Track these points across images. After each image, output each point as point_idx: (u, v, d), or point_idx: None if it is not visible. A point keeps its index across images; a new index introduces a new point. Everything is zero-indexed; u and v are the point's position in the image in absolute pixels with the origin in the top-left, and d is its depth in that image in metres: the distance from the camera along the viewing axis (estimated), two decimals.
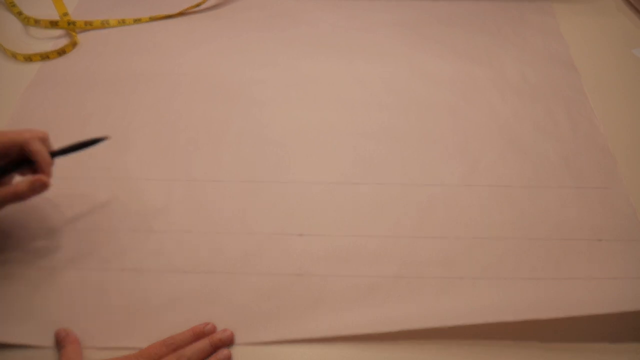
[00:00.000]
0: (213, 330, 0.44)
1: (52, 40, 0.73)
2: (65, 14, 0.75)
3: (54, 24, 0.73)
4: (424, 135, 0.60)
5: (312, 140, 0.59)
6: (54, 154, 0.48)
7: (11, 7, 0.76)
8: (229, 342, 0.43)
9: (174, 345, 0.42)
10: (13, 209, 0.52)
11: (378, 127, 0.60)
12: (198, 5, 0.77)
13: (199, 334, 0.43)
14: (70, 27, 0.73)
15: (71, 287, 0.47)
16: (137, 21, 0.75)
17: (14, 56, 0.69)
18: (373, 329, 0.43)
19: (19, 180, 0.46)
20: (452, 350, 0.43)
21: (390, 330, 0.43)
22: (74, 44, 0.71)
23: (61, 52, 0.70)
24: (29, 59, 0.69)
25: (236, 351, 0.43)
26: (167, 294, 0.46)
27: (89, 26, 0.74)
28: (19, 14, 0.75)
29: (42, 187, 0.45)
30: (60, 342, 0.43)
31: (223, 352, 0.43)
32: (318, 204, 0.53)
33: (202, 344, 0.42)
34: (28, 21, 0.74)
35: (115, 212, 0.52)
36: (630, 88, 0.65)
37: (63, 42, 0.72)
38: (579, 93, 0.64)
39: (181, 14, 0.77)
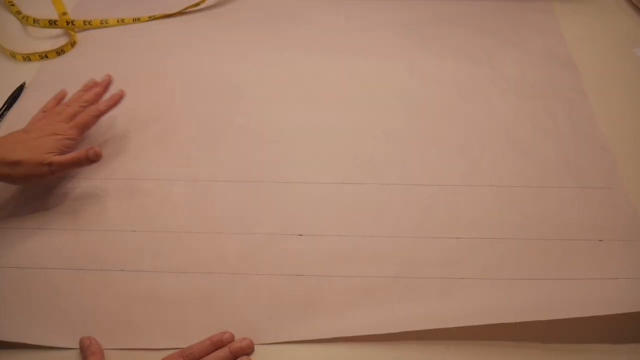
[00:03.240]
0: (231, 339, 0.43)
1: (51, 39, 0.73)
2: (64, 13, 0.74)
3: (52, 23, 0.73)
4: (424, 135, 0.59)
5: (312, 140, 0.59)
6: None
7: (10, 6, 0.76)
8: (248, 350, 0.43)
9: (192, 356, 0.42)
10: (15, 209, 0.52)
11: (378, 127, 0.60)
12: (197, 4, 0.77)
13: (216, 344, 0.43)
14: (69, 26, 0.73)
15: (70, 287, 0.47)
16: (136, 20, 0.75)
17: (13, 55, 0.69)
18: (373, 330, 0.43)
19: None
20: (452, 351, 0.43)
21: (391, 332, 0.43)
22: (72, 43, 0.71)
23: (60, 52, 0.70)
24: (27, 58, 0.69)
25: None
26: (167, 294, 0.46)
27: (88, 25, 0.74)
28: (18, 13, 0.75)
29: (96, 155, 0.51)
30: (83, 351, 0.42)
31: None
32: (318, 204, 0.53)
33: (222, 353, 0.42)
34: (27, 20, 0.74)
35: (115, 212, 0.52)
36: (631, 88, 0.65)
37: (62, 41, 0.72)
38: (579, 93, 0.64)
39: (180, 13, 0.77)
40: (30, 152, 0.48)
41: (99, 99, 0.57)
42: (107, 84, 0.59)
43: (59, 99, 0.57)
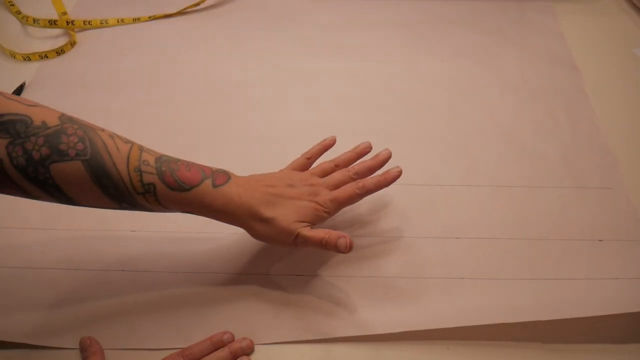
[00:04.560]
0: (231, 339, 0.43)
1: (50, 39, 0.73)
2: (64, 13, 0.75)
3: (52, 23, 0.73)
4: (424, 135, 0.59)
5: (312, 140, 0.59)
6: None
7: (10, 6, 0.76)
8: (248, 351, 0.43)
9: (192, 356, 0.42)
10: (15, 209, 0.52)
11: (378, 127, 0.60)
12: (197, 4, 0.77)
13: (216, 344, 0.43)
14: (69, 26, 0.73)
15: (70, 287, 0.47)
16: (136, 20, 0.75)
17: (13, 55, 0.69)
18: (373, 330, 0.43)
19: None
20: (452, 351, 0.43)
21: (390, 332, 0.43)
22: (72, 43, 0.71)
23: (60, 52, 0.70)
24: (27, 58, 0.69)
25: None
26: (168, 295, 0.46)
27: (87, 25, 0.74)
28: (18, 13, 0.75)
29: (347, 247, 0.43)
30: (83, 351, 0.42)
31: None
32: None
33: (222, 353, 0.42)
34: (27, 20, 0.74)
35: (115, 213, 0.52)
36: (631, 88, 0.65)
37: (62, 41, 0.72)
38: (579, 93, 0.64)
39: (180, 13, 0.77)
40: (285, 214, 0.43)
41: (370, 174, 0.48)
42: (384, 159, 0.49)
43: (325, 147, 0.51)
